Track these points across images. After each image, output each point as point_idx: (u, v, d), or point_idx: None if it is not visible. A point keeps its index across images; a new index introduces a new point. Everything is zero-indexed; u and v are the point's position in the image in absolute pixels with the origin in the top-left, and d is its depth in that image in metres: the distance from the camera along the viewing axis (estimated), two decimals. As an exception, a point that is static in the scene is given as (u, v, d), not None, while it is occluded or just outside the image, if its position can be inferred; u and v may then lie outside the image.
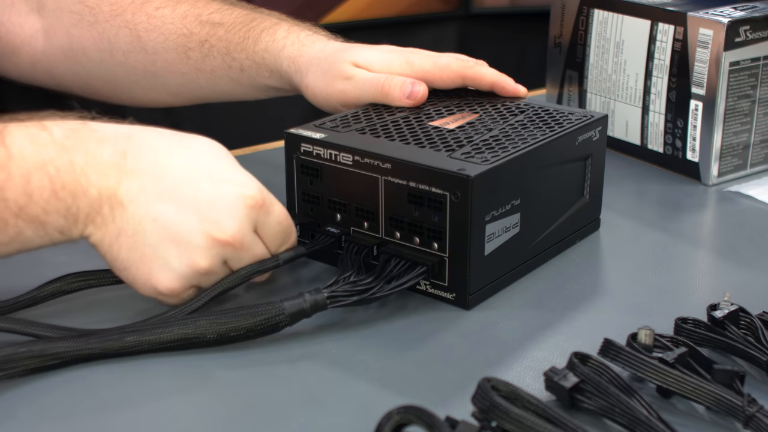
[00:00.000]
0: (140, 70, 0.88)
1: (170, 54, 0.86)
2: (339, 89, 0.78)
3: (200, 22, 0.86)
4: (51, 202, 0.58)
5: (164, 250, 0.60)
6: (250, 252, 0.62)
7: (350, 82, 0.78)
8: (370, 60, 0.78)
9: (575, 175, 0.73)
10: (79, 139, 0.59)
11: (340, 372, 0.58)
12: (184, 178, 0.60)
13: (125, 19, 0.87)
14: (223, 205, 0.60)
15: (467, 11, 1.80)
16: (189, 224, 0.60)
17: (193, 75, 0.87)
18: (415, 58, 0.79)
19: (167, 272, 0.60)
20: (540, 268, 0.71)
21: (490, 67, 0.80)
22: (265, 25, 0.85)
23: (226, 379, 0.57)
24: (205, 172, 0.61)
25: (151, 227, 0.59)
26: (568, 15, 0.98)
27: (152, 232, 0.60)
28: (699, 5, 0.88)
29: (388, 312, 0.64)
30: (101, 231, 0.60)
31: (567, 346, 0.56)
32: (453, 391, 0.55)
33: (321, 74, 0.79)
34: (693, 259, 0.75)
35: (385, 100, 0.76)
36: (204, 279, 0.61)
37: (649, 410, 0.50)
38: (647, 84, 0.91)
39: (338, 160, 0.67)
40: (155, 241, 0.60)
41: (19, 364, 0.56)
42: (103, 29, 0.88)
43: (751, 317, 0.59)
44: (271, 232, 0.63)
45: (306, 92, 0.81)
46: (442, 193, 0.62)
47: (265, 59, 0.83)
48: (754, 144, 0.89)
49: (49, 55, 0.90)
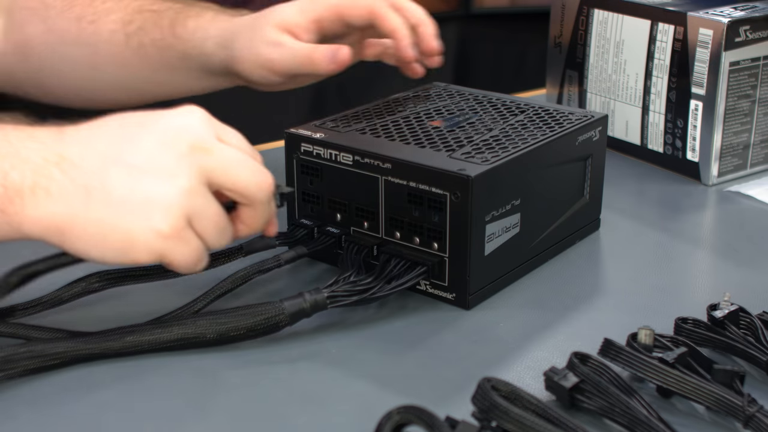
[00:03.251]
0: (85, 63, 0.88)
1: (112, 44, 0.87)
2: (267, 56, 0.79)
3: (140, 11, 0.87)
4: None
5: (140, 186, 0.55)
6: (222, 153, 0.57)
7: (278, 49, 0.79)
8: (289, 19, 0.79)
9: (575, 175, 0.73)
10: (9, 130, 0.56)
11: (340, 372, 0.58)
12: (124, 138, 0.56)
13: (74, 12, 0.88)
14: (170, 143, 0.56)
15: (467, 11, 1.81)
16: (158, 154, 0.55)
17: (132, 65, 0.87)
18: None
19: (156, 209, 0.55)
20: (540, 268, 0.71)
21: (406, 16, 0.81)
22: (193, 11, 0.86)
23: (226, 379, 0.57)
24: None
25: (117, 172, 0.54)
26: (568, 15, 0.98)
27: (121, 175, 0.54)
28: (699, 5, 0.88)
29: (388, 312, 0.64)
30: (63, 200, 0.54)
31: (567, 346, 0.56)
32: (453, 391, 0.55)
33: (248, 42, 0.80)
34: (693, 259, 0.75)
35: (312, 70, 0.78)
36: (192, 204, 0.56)
37: (649, 410, 0.50)
38: (647, 84, 0.91)
39: (338, 160, 0.67)
40: (127, 182, 0.54)
41: (19, 365, 0.55)
42: (53, 23, 0.88)
43: (751, 317, 0.59)
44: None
45: (238, 66, 0.81)
46: (443, 193, 0.62)
47: (191, 41, 0.83)
48: (754, 144, 0.89)
49: (7, 55, 0.90)
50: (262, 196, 0.59)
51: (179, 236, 0.55)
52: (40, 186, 0.54)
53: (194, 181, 0.55)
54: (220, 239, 0.58)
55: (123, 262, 0.56)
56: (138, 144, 0.56)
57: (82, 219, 0.54)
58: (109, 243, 0.55)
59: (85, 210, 0.54)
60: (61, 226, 0.54)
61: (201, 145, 0.56)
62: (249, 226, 0.60)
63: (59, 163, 0.54)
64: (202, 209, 0.56)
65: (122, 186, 0.54)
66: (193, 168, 0.55)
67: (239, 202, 0.59)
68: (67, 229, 0.54)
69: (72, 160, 0.55)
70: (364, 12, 0.80)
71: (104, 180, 0.54)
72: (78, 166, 0.54)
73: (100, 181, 0.54)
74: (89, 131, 0.57)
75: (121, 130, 0.57)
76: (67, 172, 0.54)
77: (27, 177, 0.54)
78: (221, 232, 0.58)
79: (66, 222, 0.54)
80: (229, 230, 0.58)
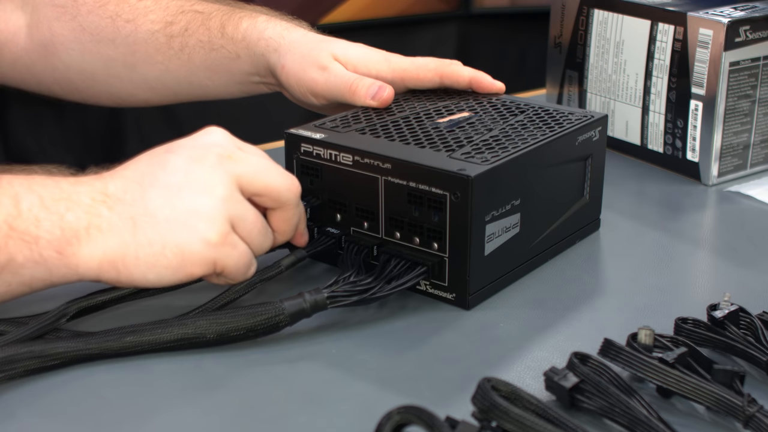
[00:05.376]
0: (120, 62, 0.88)
1: (150, 44, 0.86)
2: (312, 77, 0.79)
3: (182, 11, 0.87)
4: (42, 216, 0.56)
5: (182, 203, 0.58)
6: (248, 161, 0.60)
7: (323, 74, 0.78)
8: (349, 54, 0.79)
9: (575, 175, 0.73)
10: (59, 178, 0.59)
11: (340, 372, 0.58)
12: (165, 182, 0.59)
13: (108, 10, 0.87)
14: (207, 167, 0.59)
15: (467, 11, 1.81)
16: (191, 170, 0.58)
17: (172, 66, 0.87)
18: (393, 57, 0.80)
19: (201, 220, 0.58)
20: (540, 268, 0.71)
21: (465, 66, 0.81)
22: (244, 13, 0.85)
23: (226, 379, 0.57)
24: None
25: (157, 194, 0.58)
26: (568, 15, 0.98)
27: (161, 196, 0.58)
28: (699, 5, 0.88)
29: (388, 312, 0.64)
30: (113, 234, 0.57)
31: (567, 346, 0.56)
32: (453, 391, 0.55)
33: (299, 58, 0.80)
34: (693, 259, 0.75)
35: (351, 98, 0.76)
36: (232, 210, 0.59)
37: (649, 410, 0.50)
38: (647, 84, 0.91)
39: (338, 160, 0.67)
40: (169, 202, 0.58)
41: (19, 365, 0.56)
42: (84, 21, 0.88)
43: (751, 317, 0.59)
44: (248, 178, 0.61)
45: (281, 74, 0.81)
46: (442, 193, 0.62)
47: (244, 41, 0.83)
48: (754, 144, 0.89)
49: (30, 51, 0.90)
50: (292, 197, 0.62)
51: (227, 242, 0.58)
52: (93, 225, 0.57)
53: (230, 188, 0.59)
54: (263, 242, 0.61)
55: (179, 278, 0.58)
56: (171, 166, 0.59)
57: (134, 246, 0.57)
58: (164, 262, 0.57)
59: (134, 237, 0.57)
60: (114, 259, 0.57)
61: (228, 154, 0.60)
62: (281, 232, 0.63)
63: (105, 201, 0.57)
64: (242, 214, 0.59)
65: (165, 206, 0.57)
66: (226, 177, 0.59)
67: (270, 207, 0.62)
68: (119, 261, 0.57)
69: (116, 195, 0.58)
70: (432, 75, 0.79)
71: (147, 205, 0.57)
72: (121, 199, 0.58)
73: (143, 207, 0.57)
74: (124, 169, 0.60)
75: (152, 160, 0.60)
76: (113, 207, 0.57)
77: (81, 218, 0.56)
78: (263, 235, 0.61)
79: (118, 254, 0.57)
80: (269, 233, 0.62)
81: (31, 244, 0.55)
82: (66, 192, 0.57)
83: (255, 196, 0.61)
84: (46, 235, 0.56)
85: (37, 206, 0.56)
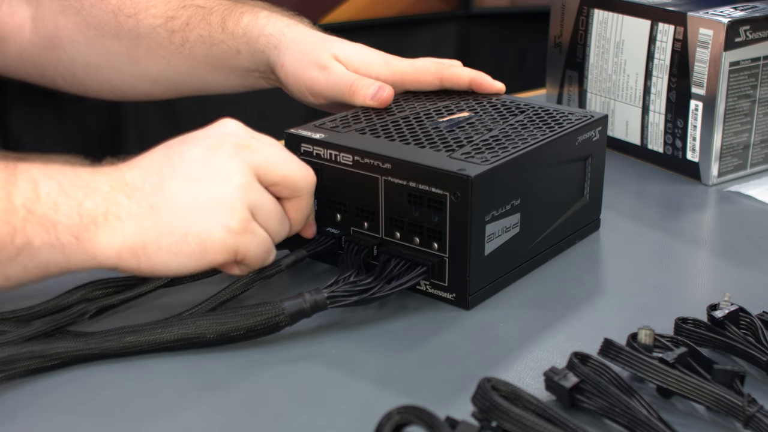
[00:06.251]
0: (123, 56, 0.88)
1: (152, 39, 0.87)
2: (311, 76, 0.79)
3: (183, 6, 0.87)
4: (60, 201, 0.56)
5: (202, 192, 0.58)
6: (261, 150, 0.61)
7: (323, 73, 0.78)
8: (349, 55, 0.79)
9: (575, 175, 0.73)
10: (78, 167, 0.59)
11: (340, 372, 0.58)
12: (184, 172, 0.60)
13: (110, 4, 0.88)
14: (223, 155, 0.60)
15: (467, 11, 1.80)
16: (209, 160, 0.59)
17: (174, 60, 0.87)
18: (393, 59, 0.80)
19: (222, 208, 0.58)
20: (540, 268, 0.71)
21: (465, 67, 0.81)
22: (246, 9, 0.86)
23: (226, 379, 0.57)
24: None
25: (176, 184, 0.58)
26: (568, 15, 0.98)
27: (181, 186, 0.58)
28: (699, 5, 0.88)
29: (388, 312, 0.64)
30: (132, 222, 0.57)
31: (567, 346, 0.56)
32: (453, 391, 0.55)
33: (299, 56, 0.80)
34: (693, 259, 0.75)
35: (351, 98, 0.76)
36: (251, 198, 0.59)
37: (649, 410, 0.50)
38: (647, 84, 0.91)
39: (338, 160, 0.67)
40: (189, 191, 0.58)
41: (19, 365, 0.56)
42: (88, 15, 0.88)
43: (751, 317, 0.59)
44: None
45: (280, 72, 0.81)
46: (442, 193, 0.62)
47: (245, 36, 0.83)
48: (754, 144, 0.89)
49: (35, 44, 0.90)
50: (307, 186, 0.63)
51: (247, 229, 0.59)
52: (112, 212, 0.57)
53: (248, 176, 0.60)
54: (281, 229, 0.62)
55: (202, 266, 0.59)
56: (189, 156, 0.60)
57: (154, 235, 0.57)
58: (186, 250, 0.58)
59: (155, 226, 0.57)
60: (134, 248, 0.57)
61: (245, 144, 0.61)
62: (294, 221, 0.64)
63: (124, 189, 0.58)
64: (261, 201, 0.60)
65: (185, 195, 0.58)
66: (243, 165, 0.60)
67: (285, 197, 0.62)
68: (140, 250, 0.57)
69: (134, 184, 0.58)
70: (432, 78, 0.79)
71: (166, 195, 0.58)
72: (140, 188, 0.58)
73: (163, 196, 0.58)
74: (141, 159, 0.60)
75: (169, 150, 0.61)
76: (132, 196, 0.57)
77: (100, 204, 0.57)
78: (281, 222, 0.62)
79: (138, 243, 0.57)
80: (287, 221, 0.63)
81: (49, 228, 0.55)
82: (84, 180, 0.57)
83: (271, 186, 0.61)
84: (64, 219, 0.56)
85: (55, 191, 0.56)
